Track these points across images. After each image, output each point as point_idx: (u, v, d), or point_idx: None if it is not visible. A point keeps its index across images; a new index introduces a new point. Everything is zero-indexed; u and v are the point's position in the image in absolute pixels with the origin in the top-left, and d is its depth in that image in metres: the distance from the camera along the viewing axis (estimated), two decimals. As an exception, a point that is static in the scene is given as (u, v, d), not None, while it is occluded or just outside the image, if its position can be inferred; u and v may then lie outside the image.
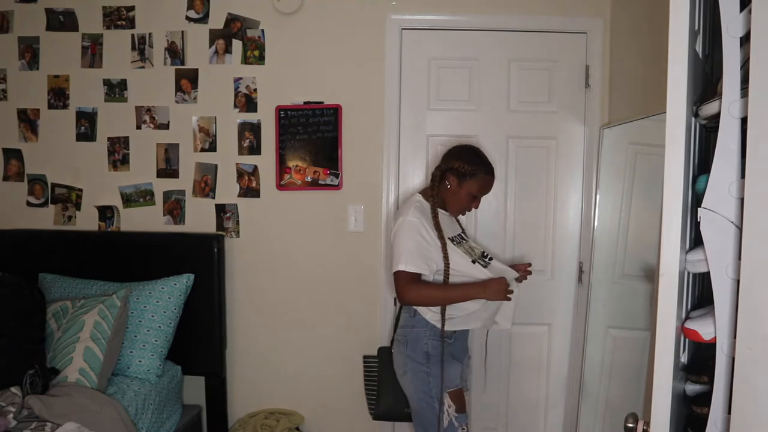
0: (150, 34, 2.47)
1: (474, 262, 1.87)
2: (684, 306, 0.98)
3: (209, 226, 2.51)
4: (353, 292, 2.50)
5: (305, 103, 2.44)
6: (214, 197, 2.50)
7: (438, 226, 1.82)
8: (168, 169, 2.51)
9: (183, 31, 2.46)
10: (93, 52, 2.49)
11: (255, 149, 2.48)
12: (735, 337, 0.80)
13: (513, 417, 2.58)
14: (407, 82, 2.45)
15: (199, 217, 2.51)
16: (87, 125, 2.52)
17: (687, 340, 1.03)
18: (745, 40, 0.86)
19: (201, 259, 2.37)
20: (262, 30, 2.45)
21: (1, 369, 1.86)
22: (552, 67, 2.45)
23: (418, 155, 2.48)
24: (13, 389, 1.83)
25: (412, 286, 1.78)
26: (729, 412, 0.82)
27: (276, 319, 2.54)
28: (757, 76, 0.75)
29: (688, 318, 1.00)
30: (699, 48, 1.02)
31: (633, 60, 2.24)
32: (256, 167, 2.48)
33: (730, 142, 0.87)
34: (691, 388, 1.05)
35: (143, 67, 2.48)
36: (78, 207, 2.55)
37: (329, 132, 2.43)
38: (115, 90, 2.50)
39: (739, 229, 0.85)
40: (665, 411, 0.88)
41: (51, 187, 2.56)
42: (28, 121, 2.54)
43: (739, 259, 0.80)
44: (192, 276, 2.32)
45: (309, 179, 2.46)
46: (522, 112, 2.46)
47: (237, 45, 2.45)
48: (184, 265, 2.34)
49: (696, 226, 0.92)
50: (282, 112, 2.44)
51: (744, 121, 0.81)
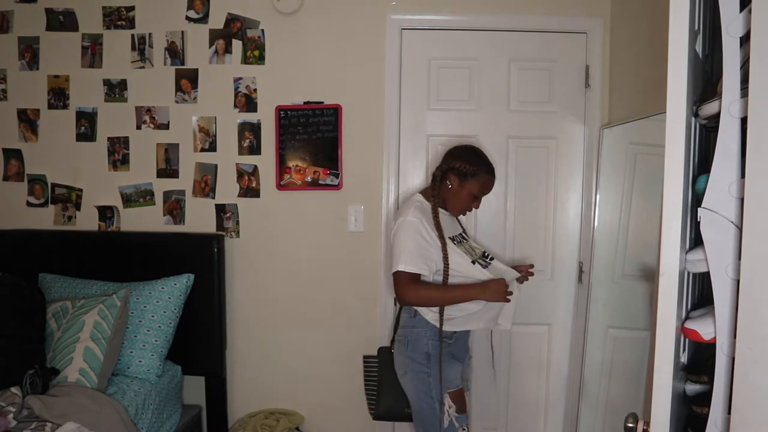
0: (150, 34, 2.47)
1: (474, 263, 1.86)
2: (684, 306, 0.98)
3: (209, 226, 2.51)
4: (353, 292, 2.50)
5: (305, 103, 2.44)
6: (214, 197, 2.50)
7: (438, 226, 1.82)
8: (168, 169, 2.51)
9: (183, 31, 2.46)
10: (93, 52, 2.49)
11: (255, 149, 2.48)
12: (735, 337, 0.80)
13: (513, 417, 2.58)
14: (407, 82, 2.45)
15: (199, 217, 2.51)
16: (87, 125, 2.52)
17: (687, 340, 1.03)
18: (745, 40, 0.86)
19: (201, 259, 2.37)
20: (262, 30, 2.45)
21: (1, 369, 1.86)
22: (552, 67, 2.45)
23: (418, 155, 2.49)
24: (13, 389, 1.83)
25: (412, 287, 1.78)
26: (729, 412, 0.82)
27: (276, 319, 2.54)
28: (757, 76, 0.75)
29: (688, 318, 1.00)
30: (699, 48, 1.02)
31: (633, 60, 2.24)
32: (256, 167, 2.48)
33: (730, 142, 0.87)
34: (691, 388, 1.05)
35: (143, 67, 2.48)
36: (78, 207, 2.55)
37: (329, 132, 2.43)
38: (115, 90, 2.50)
39: (739, 229, 0.85)
40: (665, 411, 0.88)
41: (51, 187, 2.56)
42: (28, 121, 2.54)
43: (739, 259, 0.80)
44: (192, 276, 2.32)
45: (309, 179, 2.46)
46: (522, 112, 2.47)
47: (237, 45, 2.46)
48: (184, 265, 2.34)
49: (696, 226, 0.92)
50: (282, 112, 2.44)
51: (744, 121, 0.81)
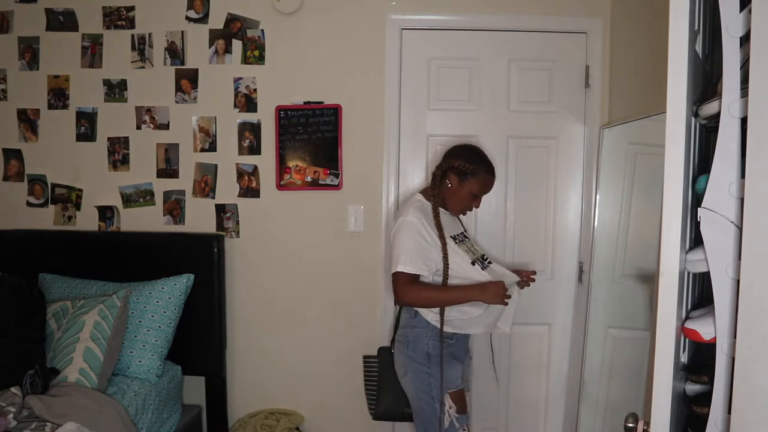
0: (150, 34, 2.47)
1: (474, 263, 1.86)
2: (684, 306, 0.98)
3: (209, 226, 2.51)
4: (353, 292, 2.50)
5: (305, 103, 2.44)
6: (214, 197, 2.50)
7: (439, 225, 1.82)
8: (168, 169, 2.51)
9: (183, 31, 2.46)
10: (93, 52, 2.49)
11: (255, 149, 2.48)
12: (735, 337, 0.80)
13: (513, 417, 2.58)
14: (407, 82, 2.45)
15: (199, 217, 2.51)
16: (87, 125, 2.52)
17: (687, 340, 1.03)
18: (745, 40, 0.86)
19: (201, 259, 2.37)
20: (262, 30, 2.45)
21: (1, 369, 1.86)
22: (552, 67, 2.45)
23: (418, 155, 2.49)
24: (13, 389, 1.83)
25: (411, 288, 1.78)
26: (729, 412, 0.82)
27: (276, 319, 2.54)
28: (757, 76, 0.75)
29: (688, 318, 1.00)
30: (699, 48, 1.02)
31: (633, 60, 2.24)
32: (256, 167, 2.48)
33: (730, 142, 0.87)
34: (691, 388, 1.05)
35: (143, 67, 2.48)
36: (78, 207, 2.55)
37: (329, 132, 2.43)
38: (115, 90, 2.50)
39: (739, 228, 0.85)
40: (665, 411, 0.88)
41: (51, 187, 2.55)
42: (28, 121, 2.54)
43: (739, 258, 0.80)
44: (192, 276, 2.32)
45: (309, 179, 2.46)
46: (522, 112, 2.47)
47: (237, 45, 2.46)
48: (184, 265, 2.34)
49: (696, 226, 0.92)
50: (282, 112, 2.44)
51: (744, 121, 0.81)
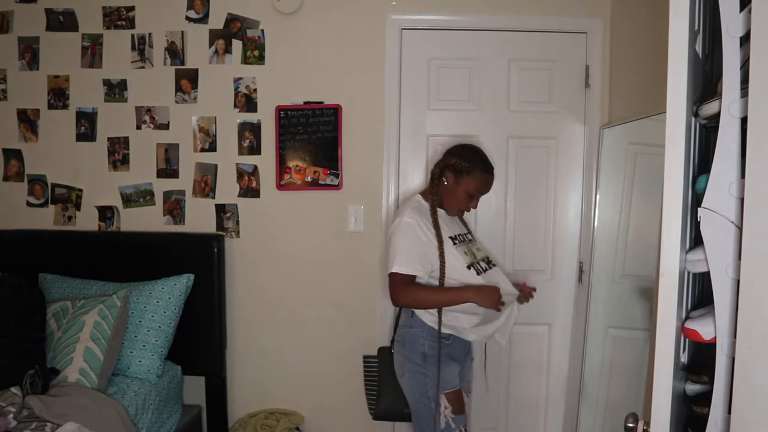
0: (150, 34, 2.47)
1: (470, 267, 1.83)
2: (684, 306, 0.98)
3: (209, 226, 2.51)
4: (353, 292, 2.50)
5: (305, 103, 2.44)
6: (214, 197, 2.50)
7: (437, 225, 1.81)
8: (168, 169, 2.51)
9: (183, 31, 2.46)
10: (93, 52, 2.49)
11: (255, 149, 2.48)
12: (735, 337, 0.80)
13: (513, 417, 2.58)
14: (407, 82, 2.45)
15: (199, 217, 2.51)
16: (87, 125, 2.52)
17: (687, 340, 1.03)
18: (745, 40, 0.86)
19: (201, 259, 2.37)
20: (262, 30, 2.45)
21: (1, 369, 1.86)
22: (552, 67, 2.45)
23: (418, 155, 2.48)
24: (13, 389, 1.83)
25: (405, 289, 1.77)
26: (729, 412, 0.82)
27: (276, 319, 2.54)
28: (757, 76, 0.75)
29: (688, 318, 1.00)
30: (699, 48, 1.02)
31: (633, 60, 2.24)
32: (256, 167, 2.48)
33: (730, 142, 0.87)
34: (691, 388, 1.05)
35: (143, 67, 2.48)
36: (78, 207, 2.55)
37: (329, 132, 2.43)
38: (115, 90, 2.50)
39: (739, 228, 0.85)
40: (665, 411, 0.88)
41: (51, 187, 2.55)
42: (28, 121, 2.54)
43: (739, 258, 0.80)
44: (192, 276, 2.32)
45: (309, 179, 2.46)
46: (522, 112, 2.47)
47: (237, 45, 2.45)
48: (184, 265, 2.34)
49: (696, 226, 0.92)
50: (282, 112, 2.44)
51: (744, 121, 0.81)
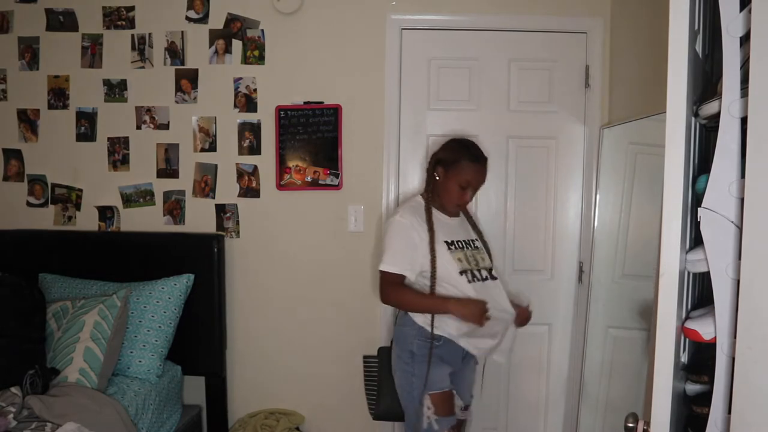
0: (150, 34, 2.47)
1: (463, 273, 1.80)
2: (684, 306, 0.98)
3: (209, 226, 2.51)
4: (353, 292, 2.50)
5: (305, 103, 2.44)
6: (214, 197, 2.50)
7: (430, 224, 1.81)
8: (168, 169, 2.51)
9: (183, 31, 2.46)
10: (93, 52, 2.49)
11: (255, 149, 2.48)
12: (735, 336, 0.80)
13: (513, 417, 2.58)
14: (407, 82, 2.45)
15: (199, 217, 2.51)
16: (87, 125, 2.52)
17: (687, 340, 1.03)
18: (745, 40, 0.86)
19: (201, 259, 2.37)
20: (262, 30, 2.44)
21: (1, 369, 1.86)
22: (552, 67, 2.45)
23: (418, 155, 2.48)
24: (13, 389, 1.82)
25: (392, 288, 1.80)
26: (729, 412, 0.82)
27: (276, 319, 2.54)
28: (757, 76, 0.75)
29: (688, 318, 1.00)
30: (699, 48, 1.02)
31: (633, 60, 2.24)
32: (256, 167, 2.48)
33: (730, 142, 0.87)
34: (691, 388, 1.05)
35: (143, 67, 2.48)
36: (78, 207, 2.54)
37: (329, 132, 2.43)
38: (115, 90, 2.50)
39: (739, 228, 0.85)
40: (665, 411, 0.88)
41: (51, 187, 2.55)
42: (28, 121, 2.54)
43: (739, 258, 0.79)
44: (192, 276, 2.32)
45: (309, 179, 2.46)
46: (522, 112, 2.46)
47: (237, 45, 2.45)
48: (184, 265, 2.34)
49: (696, 226, 0.92)
50: (282, 112, 2.44)
51: (744, 121, 0.81)
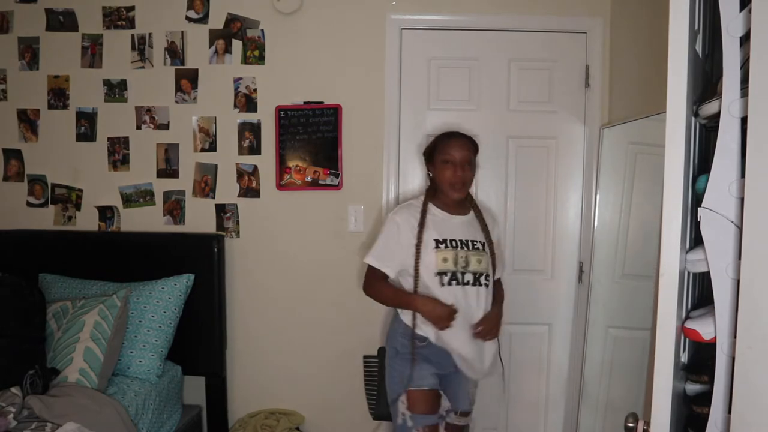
0: (150, 34, 2.47)
1: (440, 274, 1.80)
2: (684, 306, 0.98)
3: (209, 226, 2.51)
4: (353, 292, 2.49)
5: (305, 103, 2.44)
6: (214, 197, 2.50)
7: (422, 223, 1.84)
8: (168, 169, 2.51)
9: (183, 31, 2.46)
10: (93, 52, 2.49)
11: (255, 149, 2.48)
12: (735, 336, 0.80)
13: (513, 417, 2.57)
14: (407, 81, 2.45)
15: (199, 217, 2.51)
16: (87, 125, 2.52)
17: (687, 340, 1.03)
18: (745, 40, 0.86)
19: (201, 259, 2.37)
20: (262, 30, 2.44)
21: (1, 369, 1.86)
22: (552, 67, 2.45)
23: (418, 155, 2.48)
24: (14, 389, 1.82)
25: (373, 282, 1.90)
26: (729, 412, 0.82)
27: (276, 319, 2.54)
28: (757, 75, 0.75)
29: (688, 318, 1.00)
30: (699, 48, 1.02)
31: (633, 60, 2.24)
32: (256, 167, 2.48)
33: (730, 142, 0.87)
34: (691, 388, 1.05)
35: (143, 67, 2.48)
36: (78, 207, 2.54)
37: (329, 132, 2.43)
38: (115, 90, 2.50)
39: (739, 228, 0.85)
40: (665, 411, 0.88)
41: (51, 188, 2.55)
42: (28, 121, 2.54)
43: (739, 258, 0.79)
44: (192, 276, 2.32)
45: (309, 179, 2.46)
46: (522, 112, 2.47)
47: (237, 45, 2.45)
48: (184, 265, 2.34)
49: (696, 226, 0.92)
50: (282, 112, 2.44)
51: (744, 120, 0.81)
